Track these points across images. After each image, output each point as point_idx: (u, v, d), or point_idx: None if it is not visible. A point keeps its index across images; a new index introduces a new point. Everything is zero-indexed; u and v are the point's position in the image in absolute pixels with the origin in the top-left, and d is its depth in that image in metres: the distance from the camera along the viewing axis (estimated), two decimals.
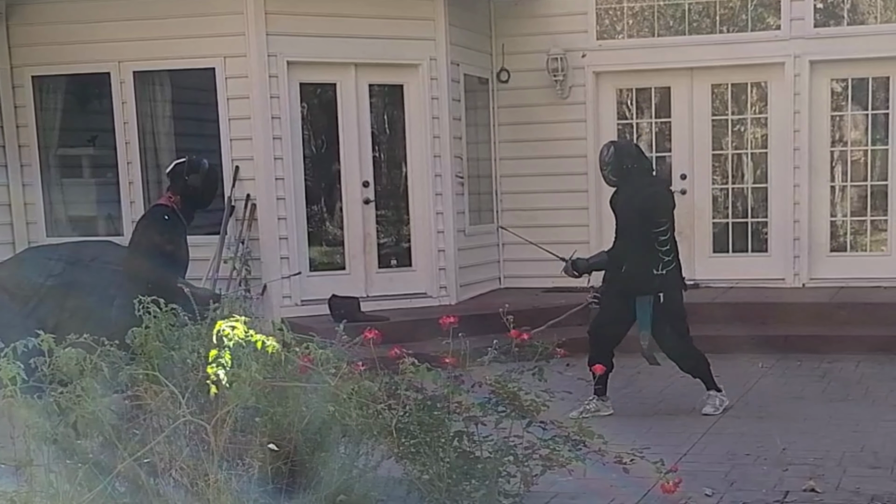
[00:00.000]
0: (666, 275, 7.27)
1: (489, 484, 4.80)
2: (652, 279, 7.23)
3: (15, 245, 10.37)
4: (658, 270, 7.23)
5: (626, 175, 7.38)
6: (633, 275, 7.31)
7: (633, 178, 7.38)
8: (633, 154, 7.50)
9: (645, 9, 11.69)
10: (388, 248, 11.04)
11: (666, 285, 7.29)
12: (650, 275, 7.22)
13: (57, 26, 10.25)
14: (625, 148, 7.61)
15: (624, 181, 7.41)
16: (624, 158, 7.39)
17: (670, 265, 7.30)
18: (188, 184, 6.70)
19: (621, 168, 7.37)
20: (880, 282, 11.03)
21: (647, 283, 7.25)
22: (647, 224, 7.23)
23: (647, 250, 7.22)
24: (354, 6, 10.26)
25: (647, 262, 7.23)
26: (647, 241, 7.22)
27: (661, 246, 7.25)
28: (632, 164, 7.39)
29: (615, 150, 7.45)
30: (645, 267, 7.23)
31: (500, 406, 4.97)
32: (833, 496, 5.49)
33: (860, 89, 11.34)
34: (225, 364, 3.87)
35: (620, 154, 7.42)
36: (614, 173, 7.41)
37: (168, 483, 4.17)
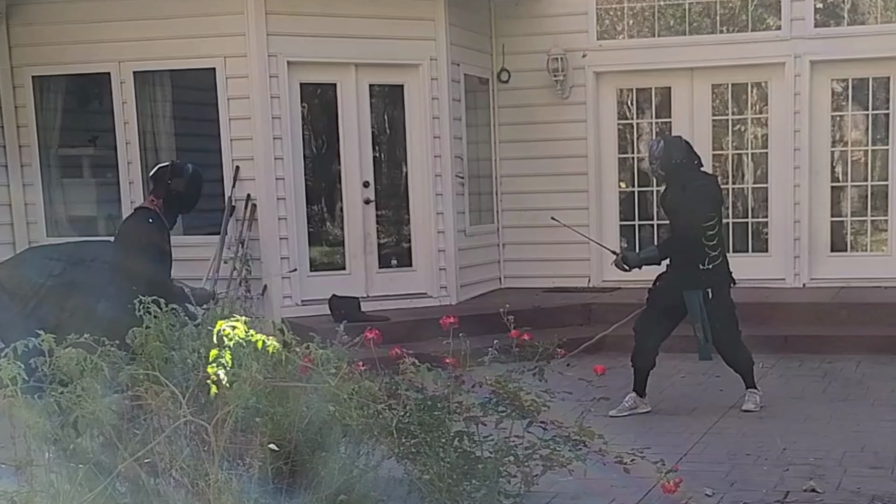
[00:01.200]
0: (713, 269, 7.28)
1: (490, 484, 4.80)
2: (698, 274, 7.25)
3: (15, 245, 10.37)
4: (704, 265, 7.25)
5: (676, 170, 7.40)
6: (680, 271, 7.33)
7: (682, 173, 7.40)
8: (682, 148, 7.49)
9: (645, 9, 11.69)
10: (389, 248, 11.04)
11: (713, 281, 7.30)
12: (696, 270, 7.24)
13: (57, 26, 10.26)
14: (674, 143, 7.61)
15: (672, 176, 7.44)
16: (673, 153, 7.41)
17: (717, 260, 7.31)
18: (171, 187, 6.72)
19: (670, 162, 7.40)
20: (881, 282, 11.04)
21: (693, 279, 7.27)
22: (697, 218, 7.25)
23: (695, 245, 7.24)
24: (355, 6, 10.27)
25: (693, 257, 7.25)
26: (695, 236, 7.24)
27: (709, 241, 7.26)
28: (681, 159, 7.41)
29: (665, 145, 7.48)
30: (691, 262, 7.25)
31: (501, 406, 4.97)
32: (833, 496, 5.48)
33: (860, 89, 11.34)
34: (225, 364, 3.87)
35: (670, 148, 7.44)
36: (663, 167, 7.44)
37: (168, 483, 4.17)
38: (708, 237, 7.26)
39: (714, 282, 7.31)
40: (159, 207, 6.71)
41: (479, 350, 5.02)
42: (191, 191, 6.85)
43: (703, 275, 7.26)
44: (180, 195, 6.77)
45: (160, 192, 6.74)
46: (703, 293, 7.26)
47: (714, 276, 7.30)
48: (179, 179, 6.77)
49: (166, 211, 6.74)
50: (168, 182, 6.74)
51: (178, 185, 6.74)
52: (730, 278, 7.50)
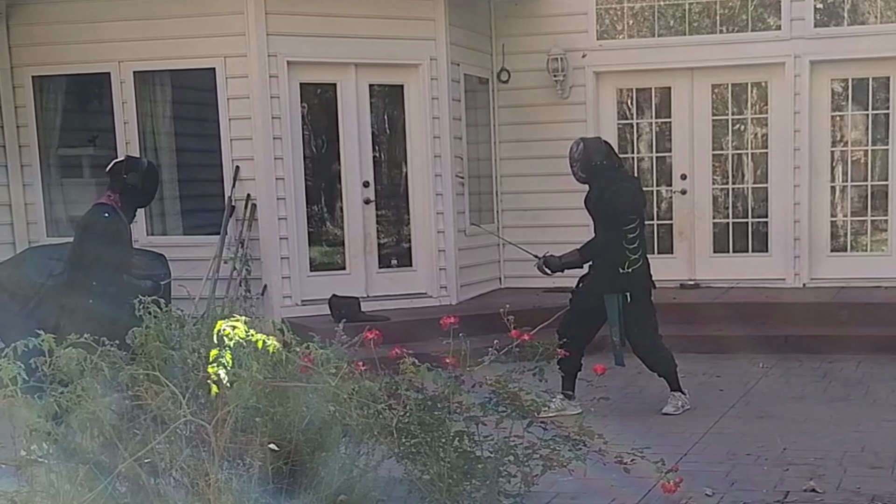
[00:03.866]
0: (632, 273, 7.25)
1: (490, 484, 4.80)
2: (618, 278, 7.23)
3: (15, 245, 10.38)
4: (624, 269, 7.22)
5: (596, 172, 7.38)
6: (600, 273, 7.31)
7: (603, 175, 7.38)
8: (602, 151, 7.47)
9: (645, 9, 11.69)
10: (389, 248, 11.04)
11: (632, 284, 7.28)
12: (616, 274, 7.22)
13: (57, 26, 10.25)
14: (594, 145, 7.55)
15: (593, 178, 7.41)
16: (593, 155, 7.39)
17: (636, 263, 7.27)
18: (126, 182, 6.73)
19: (590, 165, 7.38)
20: (881, 282, 11.03)
21: (613, 282, 7.25)
22: (616, 221, 7.23)
23: (615, 248, 7.21)
24: (355, 6, 10.27)
25: (614, 260, 7.22)
26: (616, 239, 7.21)
27: (630, 244, 7.23)
28: (601, 161, 7.39)
29: (584, 147, 7.45)
30: (612, 266, 7.23)
31: (501, 406, 4.97)
32: (833, 496, 5.49)
33: (860, 89, 11.34)
34: (225, 364, 3.87)
35: (589, 151, 7.42)
36: (583, 170, 7.43)
37: (168, 483, 4.17)
38: (629, 240, 7.24)
39: (634, 285, 7.29)
40: (116, 202, 6.71)
41: (479, 350, 5.02)
42: (147, 185, 6.87)
43: (623, 278, 7.24)
44: (136, 189, 6.78)
45: (117, 187, 6.74)
46: (622, 297, 7.24)
47: (634, 279, 7.28)
48: (135, 174, 6.78)
49: (124, 206, 6.73)
50: (124, 177, 6.74)
51: (133, 180, 6.75)
52: (650, 282, 7.46)
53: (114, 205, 6.70)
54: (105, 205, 6.72)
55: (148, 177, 6.90)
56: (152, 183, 6.98)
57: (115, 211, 6.68)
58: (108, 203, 6.72)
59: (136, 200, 6.86)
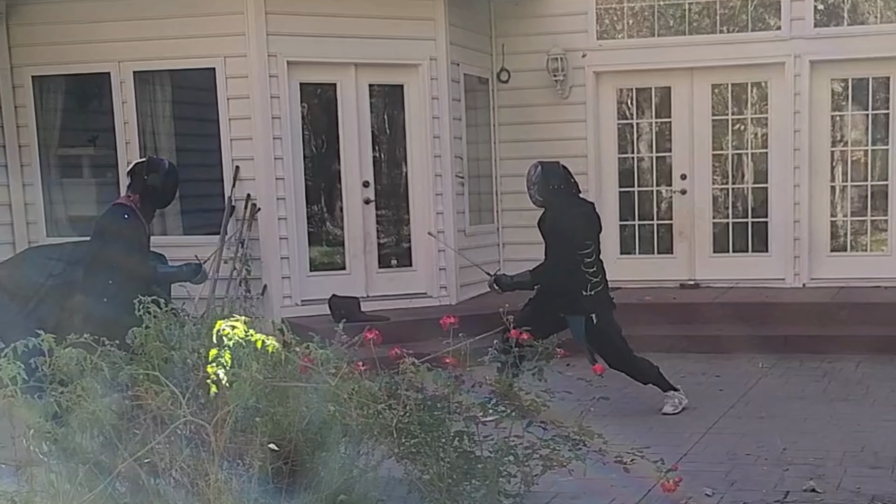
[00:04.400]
0: (595, 296, 7.30)
1: (489, 484, 4.80)
2: (582, 301, 7.27)
3: (15, 245, 10.37)
4: (587, 292, 7.27)
5: (553, 195, 7.42)
6: (563, 296, 7.32)
7: (560, 199, 7.43)
8: (559, 175, 7.49)
9: (645, 9, 11.69)
10: (389, 247, 11.04)
11: (597, 306, 7.32)
12: (579, 296, 7.25)
13: (57, 26, 10.25)
14: (552, 169, 7.56)
15: (550, 202, 7.45)
16: (551, 179, 7.43)
17: (598, 286, 7.32)
18: (147, 183, 6.73)
19: (548, 188, 7.42)
20: (881, 282, 11.03)
21: (577, 305, 7.28)
22: (573, 245, 7.26)
23: (574, 272, 7.25)
24: (355, 6, 10.26)
25: (575, 283, 7.26)
26: (573, 263, 7.25)
27: (588, 268, 7.28)
28: (558, 185, 7.43)
29: (542, 171, 7.48)
30: (574, 288, 7.26)
31: (501, 406, 4.97)
32: (833, 496, 5.49)
33: (860, 89, 11.34)
34: (225, 364, 3.87)
35: (547, 175, 7.45)
36: (541, 193, 7.46)
37: (168, 483, 4.17)
38: (586, 264, 7.27)
39: (598, 307, 7.33)
40: (135, 203, 6.70)
41: (478, 350, 5.02)
42: (167, 186, 6.87)
43: (587, 301, 7.28)
44: (157, 191, 6.78)
45: (137, 187, 6.74)
46: (587, 319, 7.28)
47: (598, 301, 7.32)
48: (156, 175, 6.79)
49: (143, 207, 6.74)
50: (145, 178, 6.75)
51: (154, 181, 6.76)
52: (611, 303, 7.52)
53: (133, 206, 6.70)
54: (124, 205, 6.73)
55: (169, 178, 6.90)
56: (172, 184, 6.97)
57: (134, 212, 6.69)
58: (127, 204, 6.72)
59: (156, 202, 6.88)
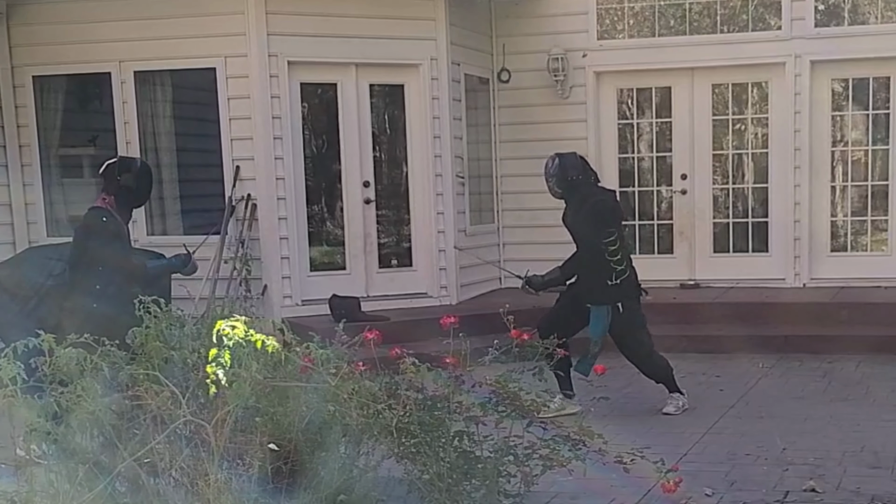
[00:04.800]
0: (621, 284, 7.27)
1: (489, 484, 4.79)
2: (607, 290, 7.24)
3: (15, 245, 10.38)
4: (612, 281, 7.24)
5: (572, 187, 7.40)
6: (589, 286, 7.31)
7: (579, 190, 7.41)
8: (577, 166, 7.48)
9: (645, 9, 11.69)
10: (389, 247, 11.04)
11: (622, 295, 7.29)
12: (605, 286, 7.23)
13: (57, 26, 10.26)
14: (569, 160, 7.53)
15: (570, 193, 7.44)
16: (568, 170, 7.41)
17: (624, 274, 7.29)
18: (121, 183, 6.67)
19: (566, 180, 7.40)
20: (881, 282, 11.04)
21: (602, 294, 7.26)
22: (596, 234, 7.25)
23: (599, 261, 7.23)
24: (355, 6, 10.27)
25: (600, 273, 7.23)
26: (597, 252, 7.23)
27: (612, 256, 7.24)
28: (576, 176, 7.41)
29: (560, 162, 7.45)
30: (599, 278, 7.24)
31: (501, 406, 4.96)
32: (833, 496, 5.49)
33: (861, 89, 11.34)
34: (224, 364, 3.87)
35: (565, 166, 7.42)
36: (559, 185, 7.44)
37: (168, 483, 4.17)
38: (611, 253, 7.24)
39: (624, 296, 7.30)
40: (111, 205, 6.65)
41: (479, 350, 5.02)
42: (142, 185, 6.78)
43: (612, 290, 7.25)
44: (131, 190, 6.71)
45: (111, 188, 6.68)
46: (614, 308, 7.25)
47: (623, 290, 7.29)
48: (128, 174, 6.70)
49: (119, 207, 6.67)
50: (118, 178, 6.69)
51: (127, 181, 6.68)
52: (639, 290, 7.48)
53: (109, 207, 6.66)
54: (101, 208, 6.68)
55: (142, 177, 6.82)
56: (147, 183, 6.88)
57: (112, 214, 6.65)
58: (103, 207, 6.67)
59: (131, 201, 6.79)
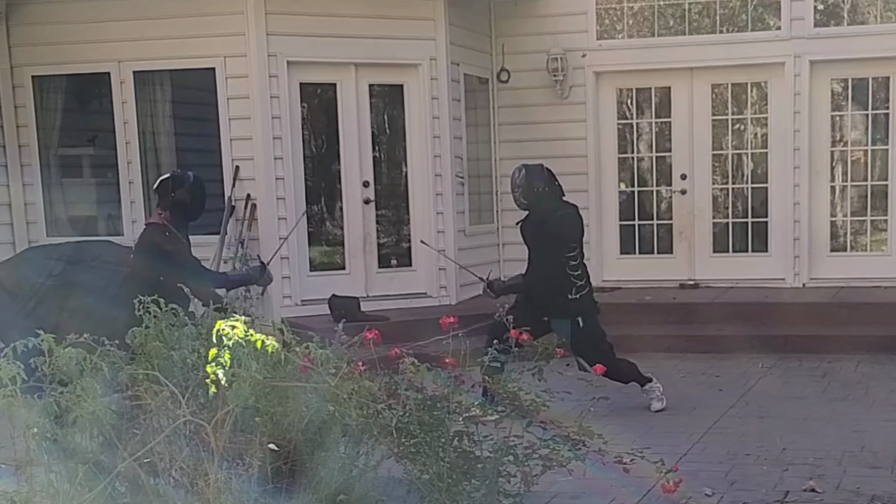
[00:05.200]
0: (580, 298, 7.31)
1: (489, 484, 4.79)
2: (567, 304, 7.28)
3: (15, 245, 10.38)
4: (572, 295, 7.27)
5: (537, 198, 7.40)
6: (548, 300, 7.31)
7: (544, 202, 7.41)
8: (544, 178, 7.46)
9: (645, 9, 11.69)
10: (389, 247, 11.05)
11: (583, 309, 7.33)
12: (565, 300, 7.26)
13: (57, 26, 10.26)
14: (536, 171, 7.53)
15: (534, 205, 7.43)
16: (535, 182, 7.39)
17: (584, 289, 7.34)
18: (175, 199, 6.75)
19: (532, 191, 7.39)
20: (880, 282, 11.04)
21: (563, 308, 7.29)
22: (558, 248, 7.26)
23: (559, 275, 7.25)
24: (355, 6, 10.27)
25: (560, 286, 7.26)
26: (558, 266, 7.25)
27: (573, 270, 7.28)
28: (542, 188, 7.40)
29: (526, 174, 7.44)
30: (559, 291, 7.26)
31: (500, 406, 4.96)
32: (833, 496, 5.49)
33: (860, 89, 11.34)
34: (224, 363, 3.87)
35: (532, 177, 7.41)
36: (525, 196, 7.43)
37: (168, 483, 4.17)
38: (571, 267, 7.28)
39: (584, 310, 7.34)
40: (167, 220, 6.74)
41: (478, 350, 5.02)
42: (195, 199, 6.92)
43: (573, 304, 7.29)
44: (185, 205, 6.80)
45: (165, 204, 6.78)
46: (573, 322, 7.28)
47: (583, 304, 7.34)
48: (182, 190, 6.83)
49: (175, 221, 6.78)
50: (172, 194, 6.77)
51: (182, 196, 6.79)
52: (596, 306, 7.53)
53: (165, 222, 6.73)
54: (157, 225, 6.76)
55: (196, 191, 6.93)
56: (200, 196, 7.00)
57: (169, 229, 6.72)
58: (160, 223, 6.76)
59: (186, 215, 6.90)
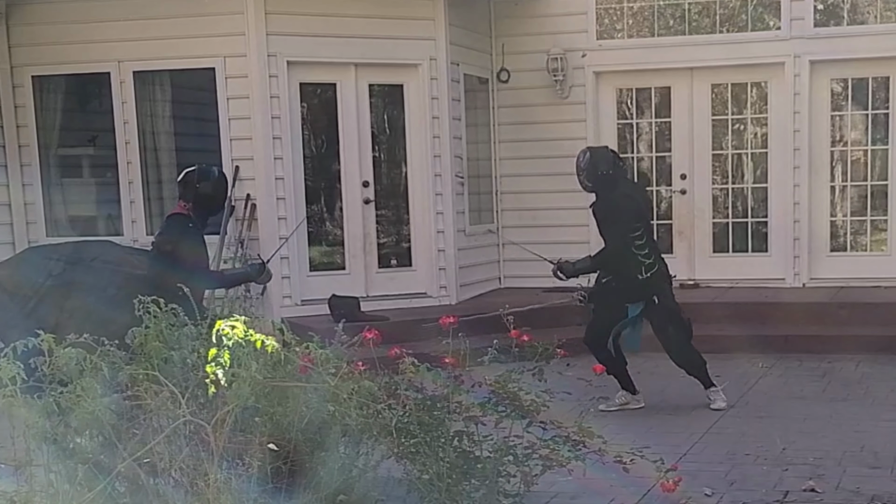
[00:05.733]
0: (651, 278, 7.35)
1: (489, 484, 4.80)
2: (638, 285, 7.33)
3: (15, 245, 10.38)
4: (643, 275, 7.31)
5: (602, 181, 7.44)
6: (621, 285, 7.39)
7: (609, 184, 7.45)
8: (608, 160, 7.52)
9: (645, 9, 11.69)
10: (388, 247, 11.04)
11: (655, 289, 7.38)
12: (636, 281, 7.32)
13: (57, 26, 10.26)
14: (600, 153, 7.61)
15: (600, 187, 7.48)
16: (599, 164, 7.45)
17: (653, 268, 7.37)
18: (199, 192, 6.82)
19: (596, 174, 7.43)
20: (880, 282, 11.04)
21: (635, 291, 7.36)
22: (621, 228, 7.31)
23: (627, 257, 7.30)
24: (355, 6, 10.26)
25: (630, 269, 7.31)
26: (622, 247, 7.31)
27: (640, 250, 7.32)
28: (606, 171, 7.44)
29: (590, 156, 7.51)
30: (629, 274, 7.32)
31: (500, 406, 4.96)
32: (833, 496, 5.49)
33: (860, 89, 11.34)
34: (224, 363, 3.87)
35: (596, 160, 7.47)
36: (590, 179, 7.48)
37: (168, 483, 4.17)
38: (637, 247, 7.31)
39: (656, 289, 7.39)
40: (190, 212, 6.80)
41: (478, 350, 5.02)
42: (218, 192, 6.98)
43: (644, 284, 7.34)
44: (209, 198, 6.86)
45: (189, 196, 6.82)
46: (649, 301, 7.36)
47: (654, 283, 7.38)
48: (207, 183, 6.88)
49: (197, 214, 6.83)
50: (196, 186, 6.83)
51: (206, 189, 6.84)
52: (669, 279, 7.59)
53: (188, 213, 6.78)
54: (183, 215, 6.81)
55: (219, 185, 6.99)
56: (223, 191, 7.09)
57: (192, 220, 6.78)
58: (185, 213, 6.80)
59: (208, 209, 6.96)
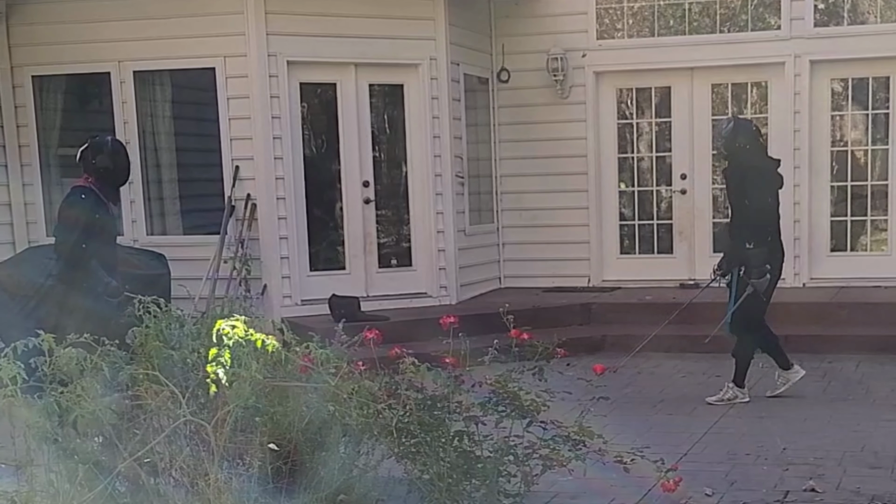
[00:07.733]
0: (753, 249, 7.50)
1: (489, 483, 4.80)
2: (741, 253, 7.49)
3: (15, 245, 10.37)
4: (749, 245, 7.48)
5: (737, 152, 7.67)
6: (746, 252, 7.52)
7: (742, 156, 7.66)
8: (749, 134, 7.75)
9: (645, 8, 11.68)
10: (389, 247, 11.04)
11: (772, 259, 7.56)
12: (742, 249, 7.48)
13: (57, 26, 10.25)
14: (742, 126, 7.85)
15: (733, 157, 7.74)
16: (739, 136, 7.68)
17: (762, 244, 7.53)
18: (97, 165, 6.78)
19: (734, 144, 7.67)
20: (880, 282, 11.03)
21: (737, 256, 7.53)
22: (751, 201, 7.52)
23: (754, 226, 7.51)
24: (355, 6, 10.26)
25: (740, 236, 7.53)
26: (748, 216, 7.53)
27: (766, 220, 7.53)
28: (744, 144, 7.66)
29: (733, 127, 7.78)
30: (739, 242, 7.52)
31: (501, 406, 4.96)
32: (833, 496, 5.49)
33: (860, 89, 11.34)
34: (224, 363, 3.87)
35: (737, 131, 7.71)
36: (726, 147, 7.78)
37: (168, 483, 4.17)
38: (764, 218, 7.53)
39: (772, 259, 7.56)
40: (93, 184, 6.76)
41: (478, 350, 5.02)
42: (118, 163, 6.90)
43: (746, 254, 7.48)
44: (109, 170, 6.82)
45: (89, 170, 6.79)
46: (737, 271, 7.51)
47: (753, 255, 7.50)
48: (102, 156, 6.83)
49: (101, 187, 6.78)
50: (93, 161, 6.79)
51: (103, 162, 6.80)
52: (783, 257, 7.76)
53: (90, 185, 6.75)
54: (82, 187, 6.80)
55: (116, 154, 6.93)
56: (123, 159, 6.99)
57: (92, 191, 6.74)
58: (84, 185, 6.78)
59: (111, 180, 6.91)
